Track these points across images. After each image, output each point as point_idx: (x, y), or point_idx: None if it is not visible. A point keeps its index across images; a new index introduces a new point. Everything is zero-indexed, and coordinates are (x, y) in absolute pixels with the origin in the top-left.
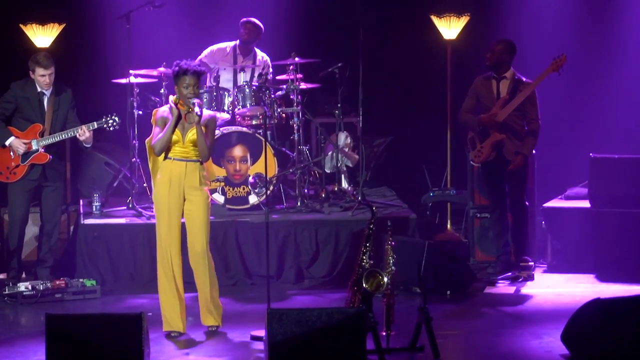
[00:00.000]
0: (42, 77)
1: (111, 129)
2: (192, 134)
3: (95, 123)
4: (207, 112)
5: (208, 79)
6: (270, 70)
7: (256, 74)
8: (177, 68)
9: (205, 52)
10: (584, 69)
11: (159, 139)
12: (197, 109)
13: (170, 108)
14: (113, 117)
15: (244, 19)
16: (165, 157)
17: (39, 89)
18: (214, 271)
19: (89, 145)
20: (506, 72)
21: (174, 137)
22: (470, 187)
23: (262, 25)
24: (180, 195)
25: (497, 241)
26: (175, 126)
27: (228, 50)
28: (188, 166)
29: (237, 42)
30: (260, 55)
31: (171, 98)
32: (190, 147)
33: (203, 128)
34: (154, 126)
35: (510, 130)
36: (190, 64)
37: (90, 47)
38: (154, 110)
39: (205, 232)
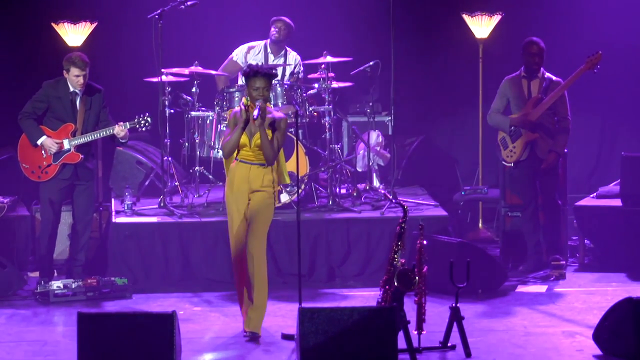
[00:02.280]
0: (77, 78)
1: (143, 129)
2: (258, 138)
3: (127, 123)
4: (277, 113)
5: (239, 78)
6: (302, 68)
7: (287, 73)
8: (247, 69)
9: (236, 51)
10: (617, 66)
11: (226, 142)
12: (255, 112)
13: (241, 110)
14: (146, 117)
15: (275, 18)
16: (235, 159)
17: (71, 89)
18: (263, 276)
19: (125, 141)
20: (539, 71)
21: (242, 140)
22: (502, 185)
23: (293, 24)
24: (244, 198)
25: (529, 240)
26: (243, 129)
27: (259, 49)
28: (252, 169)
29: (268, 40)
30: (292, 54)
31: (243, 100)
32: (257, 150)
33: (269, 132)
34: (228, 125)
35: (542, 129)
36: (262, 66)
37: (121, 45)
38: (229, 110)
39: (259, 236)
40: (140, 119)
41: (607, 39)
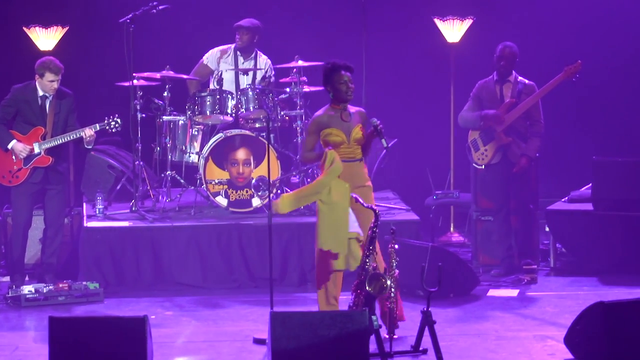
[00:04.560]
0: (51, 83)
1: (113, 130)
2: (356, 133)
3: (97, 125)
4: (354, 108)
5: (211, 82)
6: (273, 72)
7: (259, 77)
8: (330, 65)
9: (207, 55)
10: (588, 72)
11: (310, 159)
12: (384, 142)
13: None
14: (115, 118)
15: (236, 24)
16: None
17: (41, 93)
18: None
19: (90, 147)
20: (510, 75)
21: (338, 138)
22: (473, 189)
23: (256, 26)
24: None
25: (500, 244)
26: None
27: (229, 53)
28: (353, 166)
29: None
30: (262, 57)
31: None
32: (355, 145)
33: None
34: (309, 134)
35: (514, 133)
36: (343, 61)
37: (93, 50)
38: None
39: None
40: (110, 120)
41: (579, 43)
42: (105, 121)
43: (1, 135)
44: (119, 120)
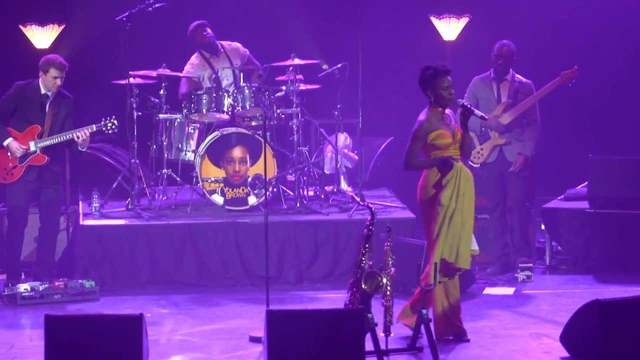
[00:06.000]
0: (54, 80)
1: (110, 132)
2: (458, 133)
3: (94, 126)
4: (447, 110)
5: (208, 81)
6: (247, 52)
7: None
8: (431, 71)
9: (187, 70)
10: (584, 70)
11: (418, 164)
12: (478, 112)
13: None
14: (112, 120)
15: (195, 25)
16: None
17: (42, 91)
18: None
19: (83, 150)
20: (507, 74)
21: (448, 140)
22: None
23: (201, 22)
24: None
25: (496, 242)
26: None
27: (200, 59)
28: (462, 165)
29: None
30: (227, 44)
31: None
32: (457, 146)
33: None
34: (416, 139)
35: (511, 132)
36: (442, 64)
37: (89, 48)
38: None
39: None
40: (107, 121)
41: (575, 42)
42: (102, 122)
43: None
44: (115, 122)
